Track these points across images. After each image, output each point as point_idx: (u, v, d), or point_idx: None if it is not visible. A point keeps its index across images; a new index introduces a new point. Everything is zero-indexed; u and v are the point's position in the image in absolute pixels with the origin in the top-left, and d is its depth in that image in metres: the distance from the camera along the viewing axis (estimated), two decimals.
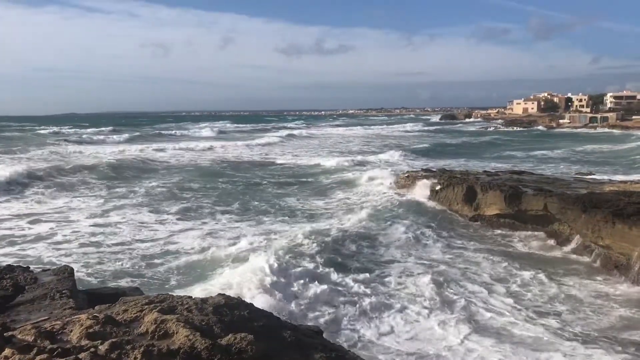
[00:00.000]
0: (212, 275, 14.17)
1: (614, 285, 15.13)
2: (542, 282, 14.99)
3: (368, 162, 43.29)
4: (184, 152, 54.54)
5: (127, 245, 17.60)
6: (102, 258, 16.04)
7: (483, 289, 14.21)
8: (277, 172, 38.40)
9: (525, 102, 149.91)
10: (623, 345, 10.80)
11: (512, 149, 60.75)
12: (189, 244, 17.79)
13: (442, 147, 62.48)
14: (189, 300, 5.31)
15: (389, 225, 20.88)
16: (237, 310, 5.19)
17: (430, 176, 29.36)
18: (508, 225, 21.63)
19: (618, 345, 10.85)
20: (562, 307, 13.13)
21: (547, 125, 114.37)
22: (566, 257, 18.12)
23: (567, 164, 43.26)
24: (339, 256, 16.53)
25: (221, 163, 44.53)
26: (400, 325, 11.68)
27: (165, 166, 42.46)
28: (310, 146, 66.85)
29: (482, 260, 16.99)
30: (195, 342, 3.80)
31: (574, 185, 23.10)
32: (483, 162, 43.90)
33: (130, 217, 22.25)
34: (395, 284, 14.31)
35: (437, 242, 19.20)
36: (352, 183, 32.13)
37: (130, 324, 4.47)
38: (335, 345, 5.58)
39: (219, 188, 30.60)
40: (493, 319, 12.17)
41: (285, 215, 22.91)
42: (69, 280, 8.00)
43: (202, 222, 21.50)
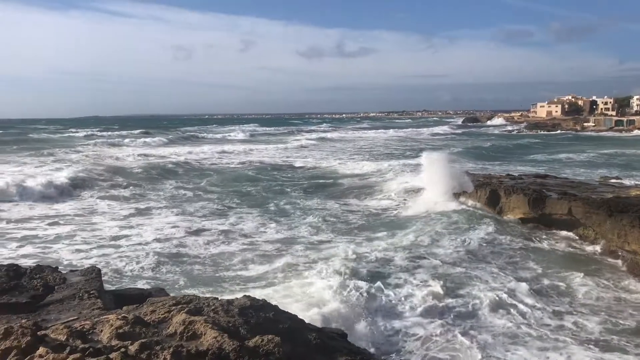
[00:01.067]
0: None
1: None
2: (570, 284, 14.82)
3: (411, 165, 42.59)
4: (223, 155, 54.67)
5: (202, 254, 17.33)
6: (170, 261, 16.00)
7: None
8: (328, 179, 37.06)
9: (549, 105, 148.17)
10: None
11: (537, 151, 60.05)
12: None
13: (475, 150, 61.40)
14: (215, 301, 5.37)
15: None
16: (263, 312, 5.23)
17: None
18: (532, 229, 21.41)
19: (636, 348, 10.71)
20: (584, 310, 12.96)
21: (571, 129, 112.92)
22: (592, 259, 17.85)
23: (592, 168, 42.67)
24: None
25: (265, 167, 43.86)
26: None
27: (215, 169, 42.36)
28: (347, 149, 65.84)
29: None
30: (224, 344, 3.85)
31: (600, 189, 22.78)
32: (522, 165, 43.60)
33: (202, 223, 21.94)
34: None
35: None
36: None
37: (159, 324, 4.53)
38: (360, 349, 5.60)
39: (271, 194, 29.54)
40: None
41: (367, 230, 21.21)
42: (97, 280, 8.14)
43: (265, 230, 20.56)
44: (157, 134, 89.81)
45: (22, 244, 17.98)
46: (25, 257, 16.20)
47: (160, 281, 14.04)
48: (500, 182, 25.86)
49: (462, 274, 15.17)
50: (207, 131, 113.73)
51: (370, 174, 38.15)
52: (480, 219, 22.36)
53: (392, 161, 46.21)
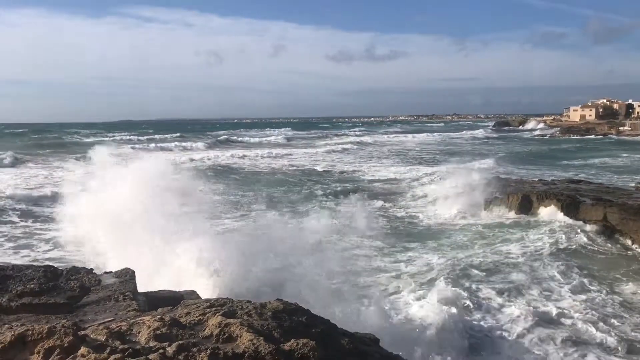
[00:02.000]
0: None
1: None
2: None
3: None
4: (270, 159, 54.88)
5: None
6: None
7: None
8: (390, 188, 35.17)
9: (583, 109, 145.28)
10: None
11: (575, 156, 58.97)
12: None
13: (516, 155, 59.95)
14: (249, 304, 5.42)
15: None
16: (295, 316, 5.26)
17: (481, 185, 28.89)
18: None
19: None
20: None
21: (606, 133, 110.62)
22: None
23: (629, 174, 41.76)
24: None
25: (311, 171, 43.05)
26: None
27: (272, 171, 42.72)
28: (390, 153, 64.69)
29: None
30: (259, 347, 3.88)
31: (636, 195, 22.31)
32: (561, 171, 42.91)
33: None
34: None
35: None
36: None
37: (195, 326, 4.60)
38: (393, 354, 5.59)
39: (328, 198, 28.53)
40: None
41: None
42: (131, 282, 8.29)
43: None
44: (192, 138, 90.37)
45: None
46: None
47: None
48: (532, 187, 25.53)
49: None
50: (240, 135, 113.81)
51: (420, 178, 37.37)
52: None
53: (438, 166, 45.41)
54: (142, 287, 8.72)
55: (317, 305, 9.17)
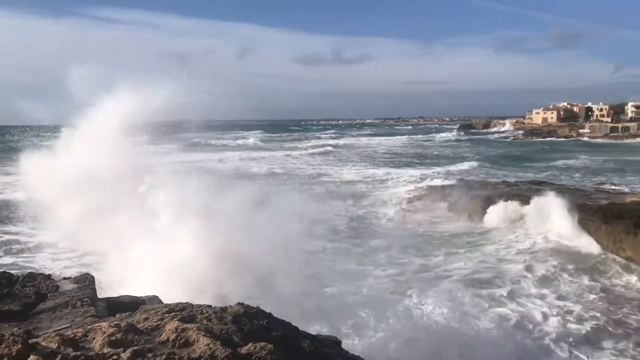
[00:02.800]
0: None
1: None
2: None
3: (453, 173, 42.08)
4: (249, 162, 54.29)
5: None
6: None
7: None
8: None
9: (545, 112, 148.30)
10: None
11: (541, 158, 60.23)
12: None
13: (490, 157, 60.86)
14: (209, 309, 5.35)
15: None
16: (256, 320, 5.21)
17: (448, 187, 29.27)
18: None
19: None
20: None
21: (567, 135, 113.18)
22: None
23: (589, 175, 42.82)
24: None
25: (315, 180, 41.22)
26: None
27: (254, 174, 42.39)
28: (366, 156, 65.21)
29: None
30: (216, 351, 3.83)
31: (595, 196, 22.86)
32: (539, 172, 43.76)
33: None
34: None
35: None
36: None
37: (152, 332, 4.51)
38: (354, 356, 5.58)
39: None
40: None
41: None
42: (90, 288, 8.11)
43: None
44: (162, 141, 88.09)
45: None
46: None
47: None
48: (495, 188, 25.95)
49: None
50: (212, 138, 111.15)
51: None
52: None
53: (427, 170, 45.58)
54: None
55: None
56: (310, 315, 11.49)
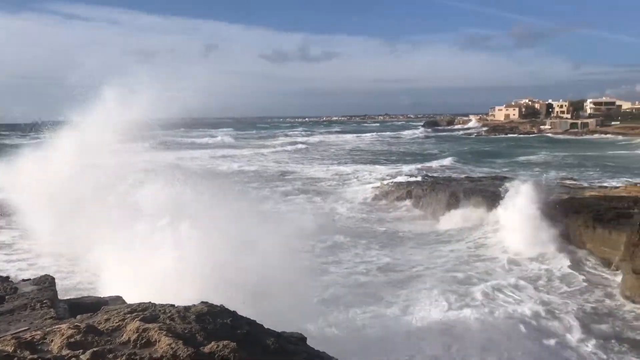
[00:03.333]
0: None
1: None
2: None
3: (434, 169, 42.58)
4: (223, 161, 53.52)
5: None
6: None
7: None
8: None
9: (507, 109, 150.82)
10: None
11: (499, 155, 61.23)
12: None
13: (464, 154, 61.30)
14: (172, 308, 5.28)
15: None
16: (220, 318, 5.17)
17: (413, 182, 29.56)
18: None
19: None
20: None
21: (529, 131, 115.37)
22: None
23: (550, 169, 43.75)
24: None
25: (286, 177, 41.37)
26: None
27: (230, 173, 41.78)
28: (340, 153, 65.46)
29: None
30: (178, 351, 3.79)
31: (556, 191, 23.36)
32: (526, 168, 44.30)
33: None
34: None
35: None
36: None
37: (112, 333, 4.44)
38: (319, 352, 5.59)
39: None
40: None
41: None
42: (50, 290, 7.95)
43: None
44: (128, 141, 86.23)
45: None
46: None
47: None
48: (459, 184, 26.29)
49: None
50: (182, 136, 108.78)
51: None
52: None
53: (405, 166, 45.84)
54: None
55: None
56: (276, 314, 11.47)
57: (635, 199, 19.33)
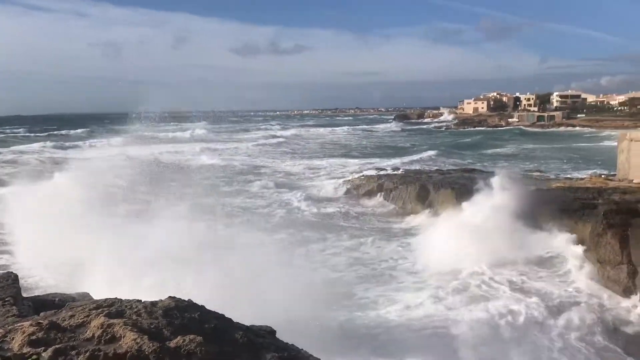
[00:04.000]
0: None
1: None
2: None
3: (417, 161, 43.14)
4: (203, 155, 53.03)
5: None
6: None
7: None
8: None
9: (476, 102, 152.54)
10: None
11: (486, 146, 61.94)
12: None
13: (446, 146, 61.79)
14: (139, 304, 5.21)
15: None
16: (188, 313, 5.12)
17: (384, 176, 29.70)
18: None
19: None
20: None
21: (497, 124, 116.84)
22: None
23: (517, 161, 44.44)
24: None
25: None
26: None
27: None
28: (320, 147, 65.47)
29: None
30: (143, 346, 3.73)
31: (523, 182, 23.71)
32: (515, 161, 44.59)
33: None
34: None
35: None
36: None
37: (76, 329, 4.35)
38: (288, 345, 5.58)
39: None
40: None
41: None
42: (13, 287, 7.75)
43: None
44: (104, 134, 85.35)
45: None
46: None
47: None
48: (429, 177, 26.52)
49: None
50: (156, 129, 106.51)
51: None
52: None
53: (388, 160, 46.23)
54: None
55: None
56: (249, 307, 11.43)
57: (600, 190, 19.76)
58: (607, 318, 13.05)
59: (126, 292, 8.27)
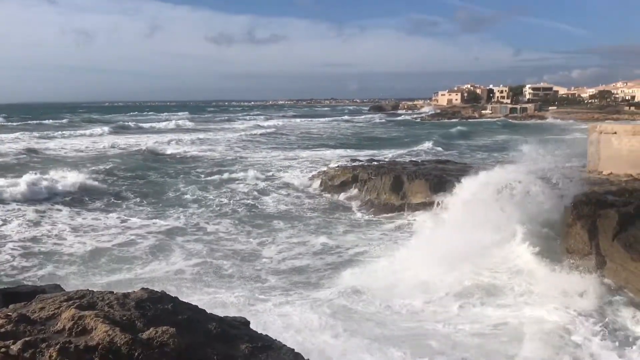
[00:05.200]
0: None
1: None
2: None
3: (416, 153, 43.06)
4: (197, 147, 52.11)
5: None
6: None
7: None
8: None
9: (450, 94, 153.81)
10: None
11: (468, 137, 62.53)
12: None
13: (443, 138, 61.60)
14: (110, 295, 5.17)
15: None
16: (161, 304, 5.09)
17: (359, 167, 29.79)
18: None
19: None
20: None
21: (470, 116, 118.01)
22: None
23: (489, 152, 45.02)
24: None
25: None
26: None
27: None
28: (307, 138, 65.02)
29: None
30: (115, 337, 3.70)
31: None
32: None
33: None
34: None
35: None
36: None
37: (47, 321, 4.30)
38: (262, 335, 5.59)
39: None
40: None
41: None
42: None
43: None
44: (86, 124, 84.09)
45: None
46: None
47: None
48: (403, 168, 26.69)
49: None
50: (138, 120, 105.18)
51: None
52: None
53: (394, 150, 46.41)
54: None
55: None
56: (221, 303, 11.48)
57: None
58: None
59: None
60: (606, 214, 15.27)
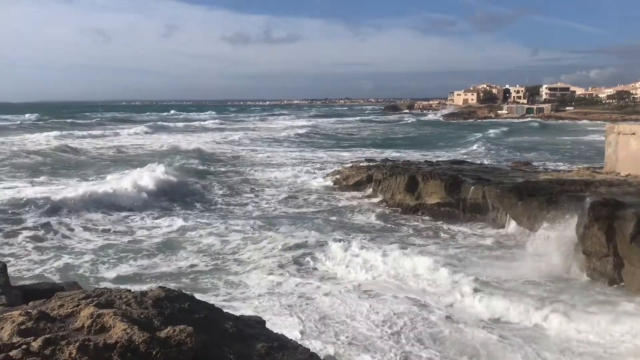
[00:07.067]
0: None
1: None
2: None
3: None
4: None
5: None
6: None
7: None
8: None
9: (465, 94, 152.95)
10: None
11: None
12: None
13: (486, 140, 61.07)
14: (128, 293, 5.21)
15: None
16: (178, 303, 5.13)
17: (373, 167, 29.74)
18: (447, 213, 22.13)
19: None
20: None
21: (486, 116, 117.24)
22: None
23: (508, 153, 44.71)
24: None
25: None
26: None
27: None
28: (364, 138, 65.69)
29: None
30: (133, 336, 3.74)
31: (511, 175, 23.89)
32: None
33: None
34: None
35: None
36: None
37: (66, 319, 4.35)
38: (278, 335, 5.62)
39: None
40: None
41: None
42: (1, 276, 7.72)
43: None
44: (122, 124, 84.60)
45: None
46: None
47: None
48: (418, 168, 26.60)
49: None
50: (169, 120, 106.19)
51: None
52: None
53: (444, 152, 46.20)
54: None
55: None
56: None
57: (587, 182, 19.90)
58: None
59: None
60: (624, 215, 15.09)
